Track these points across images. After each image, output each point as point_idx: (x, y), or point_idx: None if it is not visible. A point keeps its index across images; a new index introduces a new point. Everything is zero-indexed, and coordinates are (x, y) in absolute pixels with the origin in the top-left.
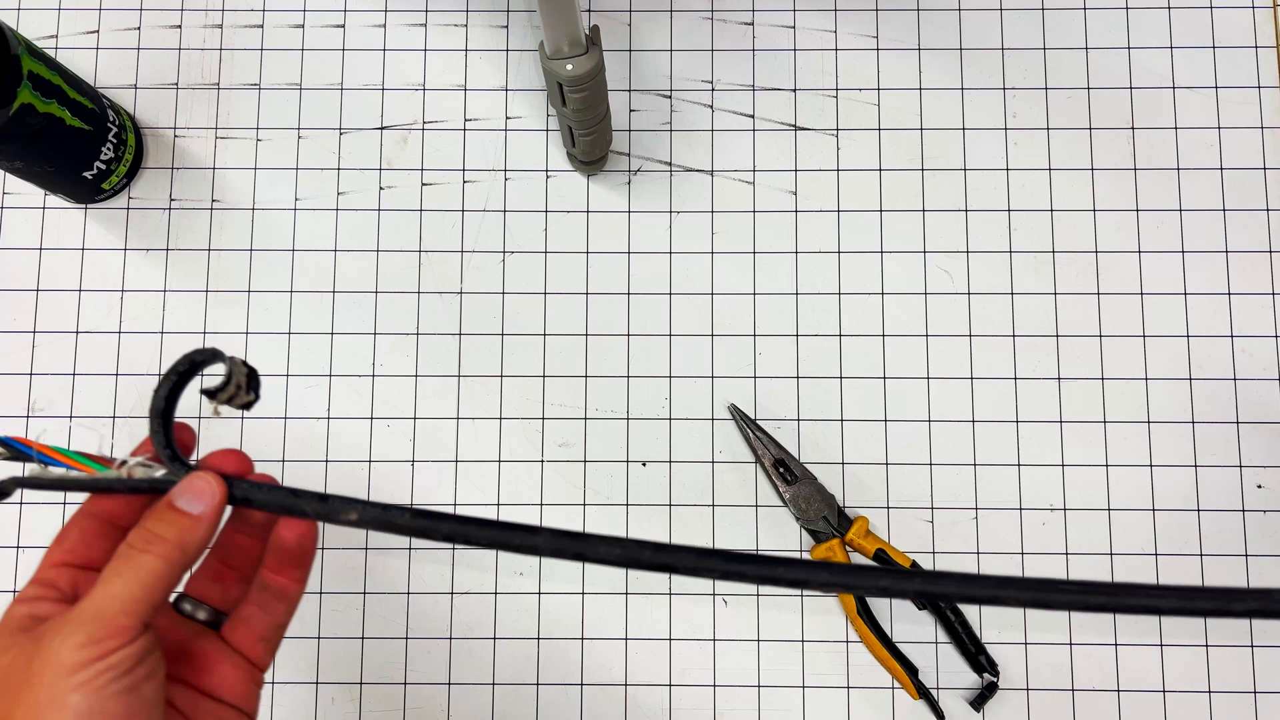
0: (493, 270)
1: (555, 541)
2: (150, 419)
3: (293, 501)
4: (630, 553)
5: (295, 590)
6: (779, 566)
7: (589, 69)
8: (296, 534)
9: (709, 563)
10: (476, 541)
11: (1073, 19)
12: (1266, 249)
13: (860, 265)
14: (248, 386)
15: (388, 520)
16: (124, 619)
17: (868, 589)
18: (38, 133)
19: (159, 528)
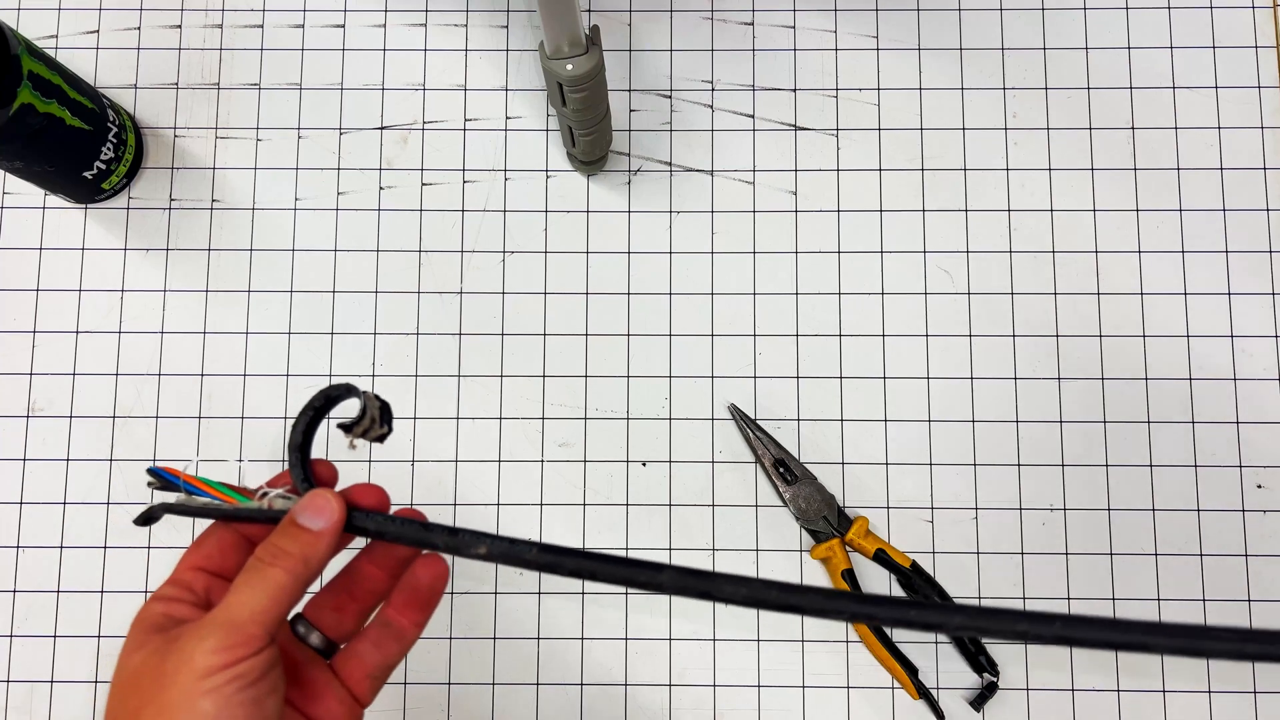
0: (493, 270)
1: (680, 580)
2: (289, 452)
3: (425, 535)
4: (756, 593)
5: (413, 633)
6: (910, 609)
7: (589, 69)
8: (432, 574)
9: (837, 604)
10: (602, 578)
11: (1073, 19)
12: (1266, 249)
13: (860, 265)
14: (381, 420)
15: (515, 554)
16: (253, 628)
17: (1003, 632)
18: (38, 133)
19: (283, 542)
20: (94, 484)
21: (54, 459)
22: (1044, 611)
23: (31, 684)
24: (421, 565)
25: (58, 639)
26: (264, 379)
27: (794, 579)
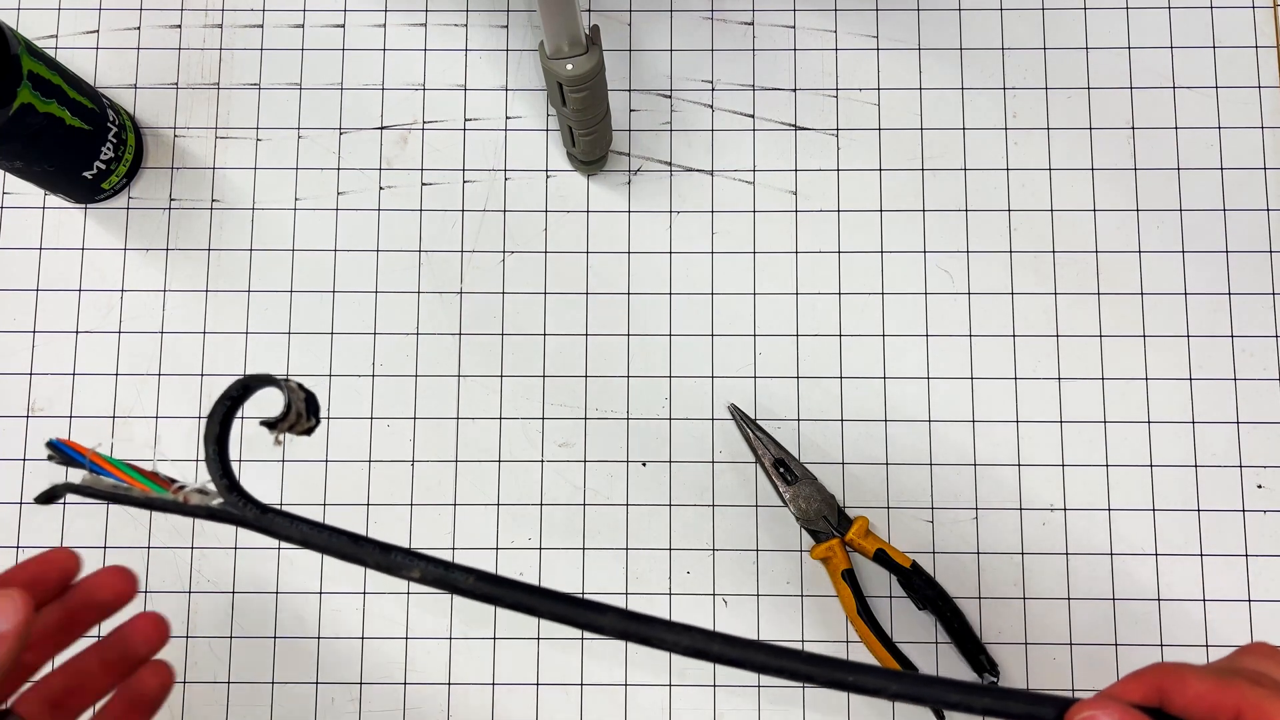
0: (493, 270)
1: (622, 623)
2: (205, 445)
3: (355, 550)
4: (698, 643)
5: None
6: (849, 672)
7: (589, 69)
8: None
9: (781, 661)
10: (539, 613)
11: (1073, 19)
12: (1266, 249)
13: (860, 265)
14: (307, 412)
15: (449, 580)
16: None
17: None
18: (38, 133)
19: None
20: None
21: None
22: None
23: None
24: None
25: None
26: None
27: (794, 579)
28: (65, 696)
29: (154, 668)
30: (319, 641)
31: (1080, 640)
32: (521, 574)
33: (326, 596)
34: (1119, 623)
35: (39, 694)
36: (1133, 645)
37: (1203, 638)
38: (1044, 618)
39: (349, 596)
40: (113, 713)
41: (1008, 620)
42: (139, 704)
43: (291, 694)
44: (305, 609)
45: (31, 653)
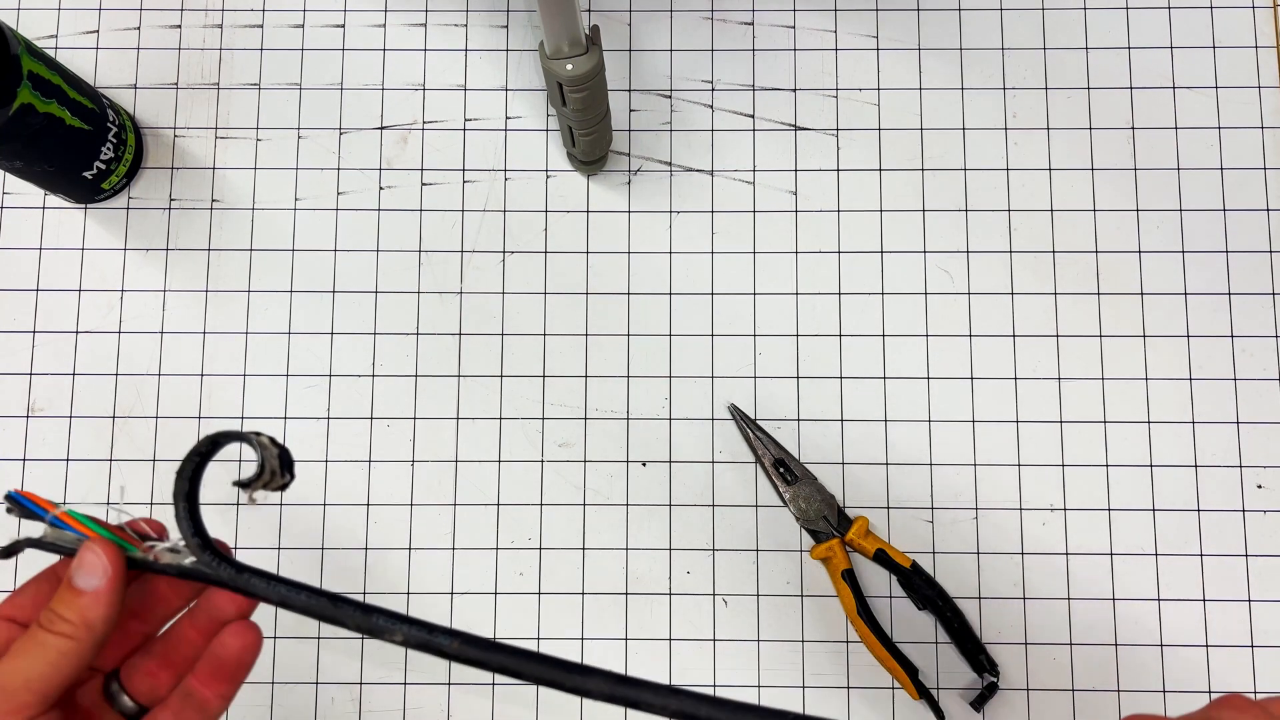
0: (493, 270)
1: (609, 686)
2: (175, 503)
3: (334, 611)
4: (686, 706)
5: (217, 706)
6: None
7: (589, 69)
8: (241, 644)
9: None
10: (526, 677)
11: (1073, 19)
12: (1266, 249)
13: (860, 265)
14: (282, 469)
15: (432, 644)
16: (25, 695)
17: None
18: (38, 133)
19: (60, 607)
20: (94, 484)
21: (54, 459)
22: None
23: None
24: (231, 633)
25: None
26: (264, 379)
27: (794, 579)
28: (163, 665)
29: (235, 629)
30: (319, 641)
31: (1080, 640)
32: (521, 574)
33: None
34: (1119, 623)
35: (140, 661)
36: (1133, 645)
37: (1203, 638)
38: (1044, 618)
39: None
40: (199, 677)
41: (1008, 620)
42: (222, 670)
43: (291, 694)
44: None
45: (138, 620)
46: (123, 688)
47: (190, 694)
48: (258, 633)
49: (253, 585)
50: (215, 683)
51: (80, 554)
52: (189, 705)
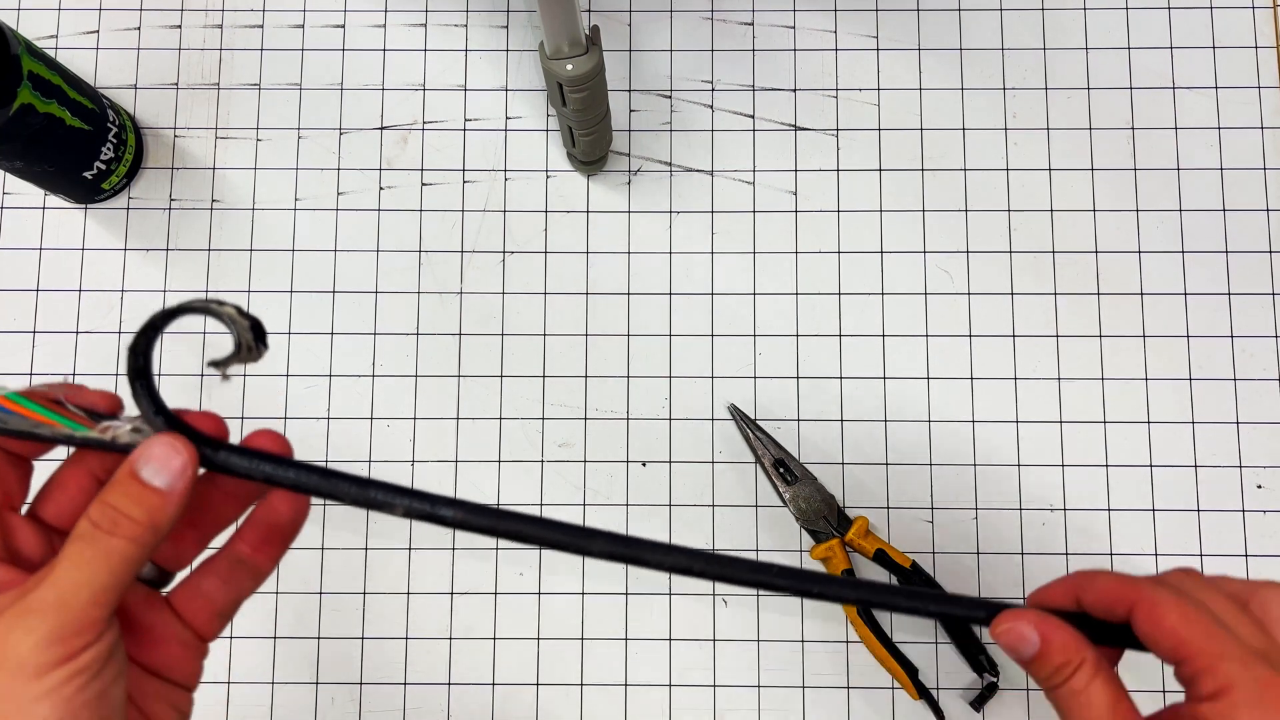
0: (493, 270)
1: (611, 546)
2: (130, 381)
3: (328, 485)
4: (681, 562)
5: (270, 568)
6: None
7: (589, 69)
8: (293, 507)
9: (761, 576)
10: (531, 540)
11: (1073, 19)
12: (1266, 249)
13: (860, 265)
14: (256, 342)
15: (434, 514)
16: (94, 610)
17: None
18: (38, 133)
19: (125, 504)
20: None
21: (54, 459)
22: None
23: None
24: (281, 499)
25: None
26: (264, 379)
27: None
28: (186, 528)
29: (280, 494)
30: (319, 641)
31: None
32: (521, 574)
33: (327, 596)
34: None
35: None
36: None
37: None
38: None
39: (350, 596)
40: (248, 542)
41: None
42: (274, 535)
43: (291, 694)
44: (305, 608)
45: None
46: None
47: (240, 560)
48: (307, 497)
49: (233, 464)
50: (266, 547)
51: (151, 446)
52: (240, 570)
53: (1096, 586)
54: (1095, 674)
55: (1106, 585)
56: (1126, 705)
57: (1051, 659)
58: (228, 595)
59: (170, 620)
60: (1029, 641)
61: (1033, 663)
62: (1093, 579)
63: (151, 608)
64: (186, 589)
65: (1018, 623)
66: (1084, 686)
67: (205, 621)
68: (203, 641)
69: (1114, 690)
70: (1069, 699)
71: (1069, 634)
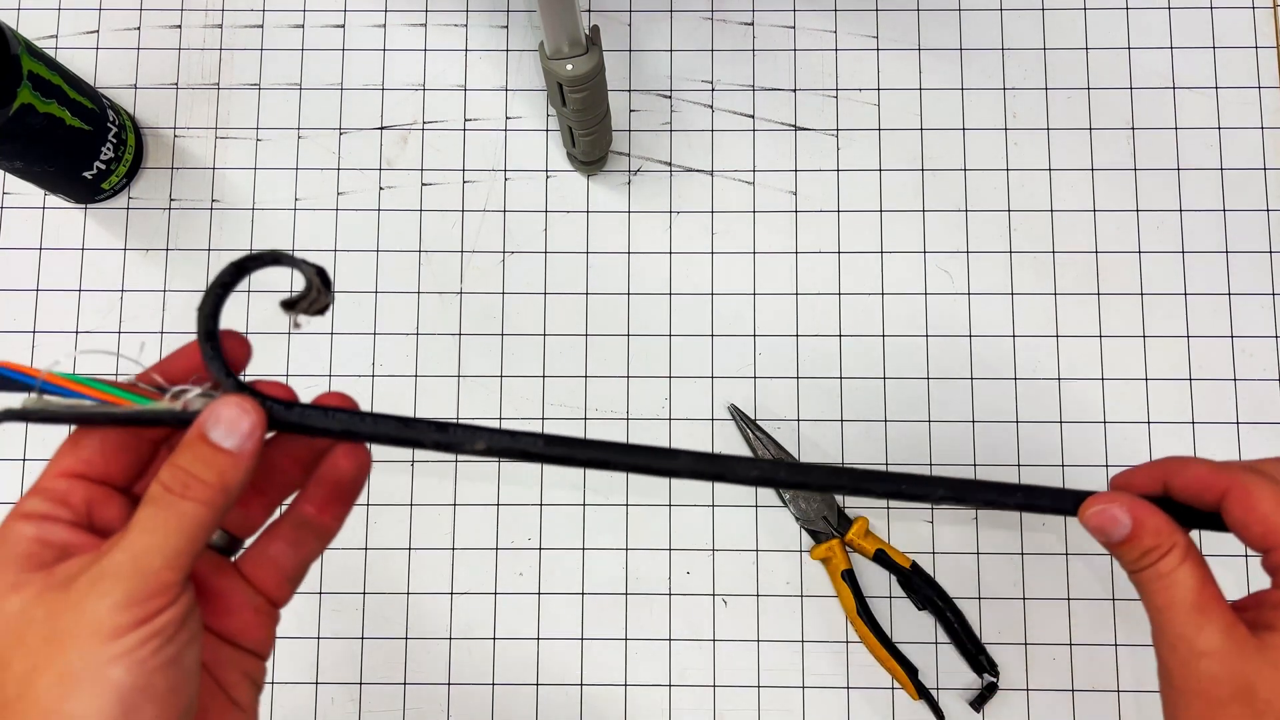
0: (493, 270)
1: (694, 464)
2: (200, 344)
3: (408, 432)
4: (766, 473)
5: (335, 528)
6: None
7: (589, 69)
8: (355, 463)
9: (839, 480)
10: (615, 466)
11: (1073, 19)
12: (1266, 249)
13: (860, 265)
14: (323, 286)
15: (519, 449)
16: (168, 574)
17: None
18: (38, 133)
19: (196, 466)
20: None
21: None
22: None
23: None
24: (343, 455)
25: None
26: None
27: (794, 579)
28: (253, 494)
29: (348, 450)
30: (319, 641)
31: (1080, 640)
32: (521, 574)
33: (327, 596)
34: (1119, 623)
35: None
36: (1133, 646)
37: None
38: (1044, 618)
39: (350, 596)
40: (313, 503)
41: (1008, 620)
42: (338, 493)
43: (291, 694)
44: (306, 609)
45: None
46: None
47: (306, 521)
48: (368, 451)
49: (310, 419)
50: (331, 505)
51: (218, 408)
52: (306, 532)
53: (1188, 473)
54: (1184, 558)
55: (1198, 472)
56: (1213, 589)
57: (1142, 541)
58: (296, 558)
59: (241, 586)
60: (1121, 524)
61: (1122, 545)
62: (1184, 465)
63: (222, 574)
64: (255, 554)
65: (1111, 505)
66: (1171, 570)
67: (276, 586)
68: (274, 607)
69: (1201, 575)
70: (1155, 581)
71: (1161, 518)
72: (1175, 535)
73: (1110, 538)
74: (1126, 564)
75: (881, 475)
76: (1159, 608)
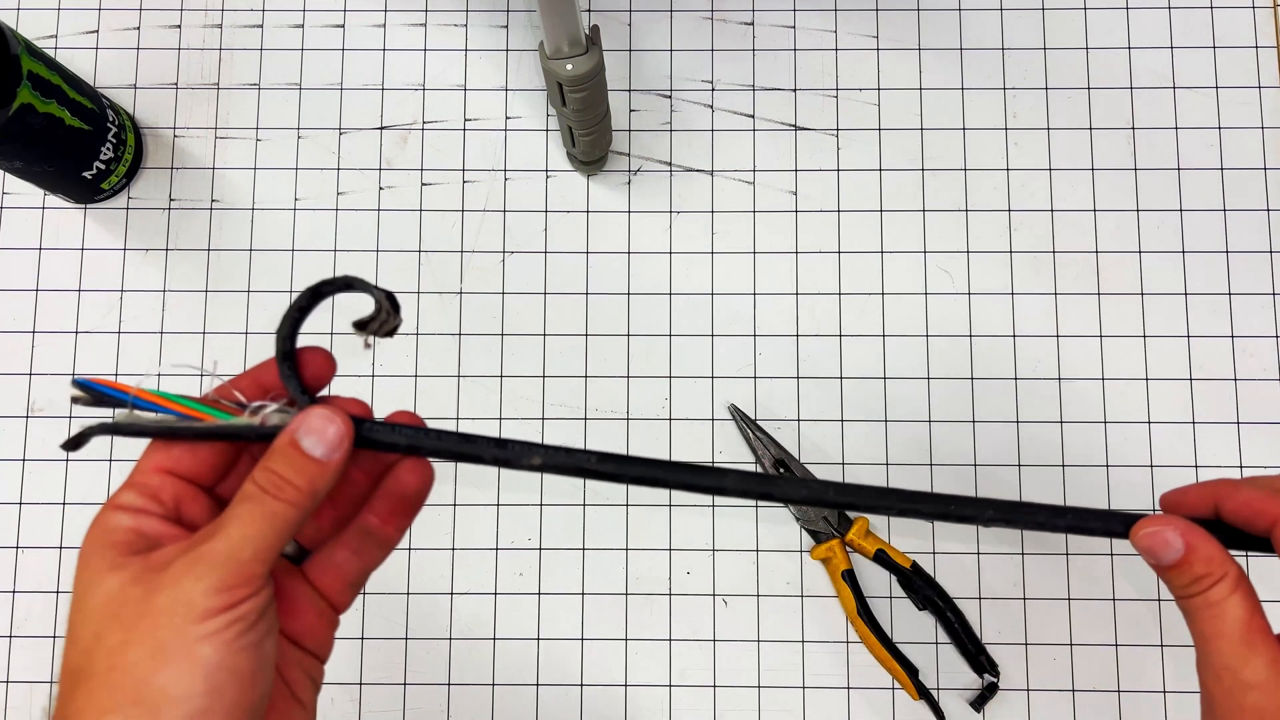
0: (493, 270)
1: (743, 483)
2: (279, 364)
3: (469, 447)
4: (815, 493)
5: (397, 539)
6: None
7: (589, 69)
8: (420, 479)
9: (886, 500)
10: (666, 484)
11: (1073, 19)
12: (1266, 249)
13: (860, 265)
14: (393, 308)
15: (574, 465)
16: (256, 566)
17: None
18: (38, 133)
19: (287, 471)
20: (94, 484)
21: (54, 459)
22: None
23: (31, 684)
24: (407, 470)
25: (57, 639)
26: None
27: (794, 579)
28: (326, 507)
29: (412, 465)
30: None
31: (1080, 641)
32: (521, 574)
33: None
34: (1119, 623)
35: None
36: (1133, 646)
37: None
38: (1044, 618)
39: None
40: (378, 514)
41: (1008, 620)
42: (402, 505)
43: None
44: None
45: (337, 508)
46: None
47: (369, 531)
48: (431, 466)
49: (378, 434)
50: (394, 518)
51: (309, 418)
52: (369, 542)
53: (1240, 497)
54: (1235, 588)
55: (1250, 497)
56: (1262, 621)
57: (1194, 568)
58: (358, 565)
59: (307, 590)
60: (1173, 548)
61: (1172, 569)
62: (1236, 489)
63: (291, 578)
64: (320, 560)
65: (1165, 529)
66: (1221, 599)
67: (338, 591)
68: (335, 612)
69: (1251, 606)
70: (1204, 609)
71: (1214, 546)
72: (1227, 564)
73: (1161, 561)
74: (1176, 589)
75: (929, 496)
76: (1207, 636)
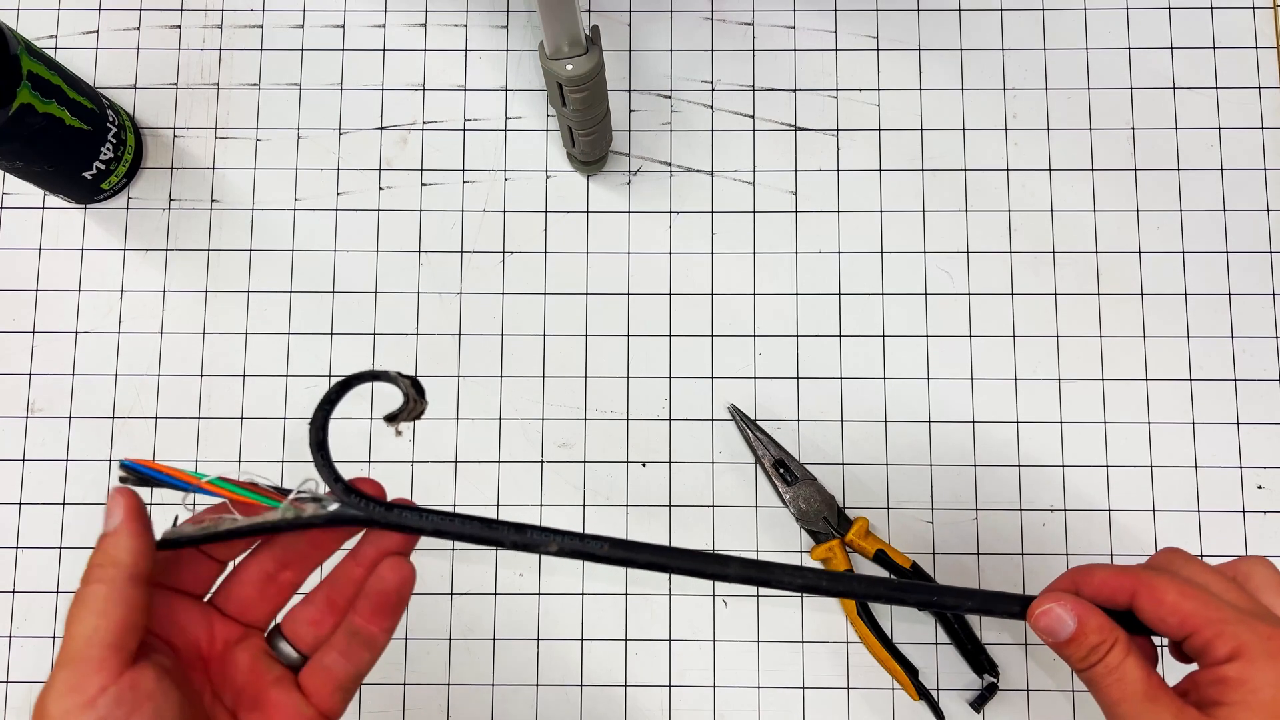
0: (493, 270)
1: (744, 570)
2: (312, 453)
3: (490, 532)
4: (810, 581)
5: (384, 640)
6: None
7: (589, 69)
8: (399, 577)
9: (878, 590)
10: (671, 569)
11: (1073, 19)
12: (1266, 249)
13: (860, 265)
14: (418, 395)
15: (586, 551)
16: (98, 651)
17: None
18: (38, 133)
19: (93, 556)
20: (94, 484)
21: (53, 459)
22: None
23: (31, 685)
24: (388, 568)
25: (57, 639)
26: (264, 379)
27: None
28: (328, 611)
29: (391, 564)
30: None
31: None
32: (521, 574)
33: None
34: None
35: (303, 611)
36: None
37: None
38: None
39: None
40: (362, 615)
41: (1007, 621)
42: (384, 604)
43: None
44: None
45: (291, 570)
46: (285, 639)
47: (356, 631)
48: (412, 565)
49: (406, 519)
50: (378, 618)
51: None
52: (356, 642)
53: (1094, 580)
54: (1128, 652)
55: (1104, 577)
56: (1156, 679)
57: (1088, 638)
58: (347, 668)
59: (296, 699)
60: (1065, 624)
61: (1069, 644)
62: (1089, 573)
63: (281, 688)
64: (311, 666)
65: (1055, 605)
66: (1118, 663)
67: (327, 695)
68: (325, 718)
69: (1145, 666)
70: (1105, 676)
71: (1101, 616)
72: (1115, 631)
73: (1058, 637)
74: (1076, 663)
75: (909, 586)
76: (1114, 700)
